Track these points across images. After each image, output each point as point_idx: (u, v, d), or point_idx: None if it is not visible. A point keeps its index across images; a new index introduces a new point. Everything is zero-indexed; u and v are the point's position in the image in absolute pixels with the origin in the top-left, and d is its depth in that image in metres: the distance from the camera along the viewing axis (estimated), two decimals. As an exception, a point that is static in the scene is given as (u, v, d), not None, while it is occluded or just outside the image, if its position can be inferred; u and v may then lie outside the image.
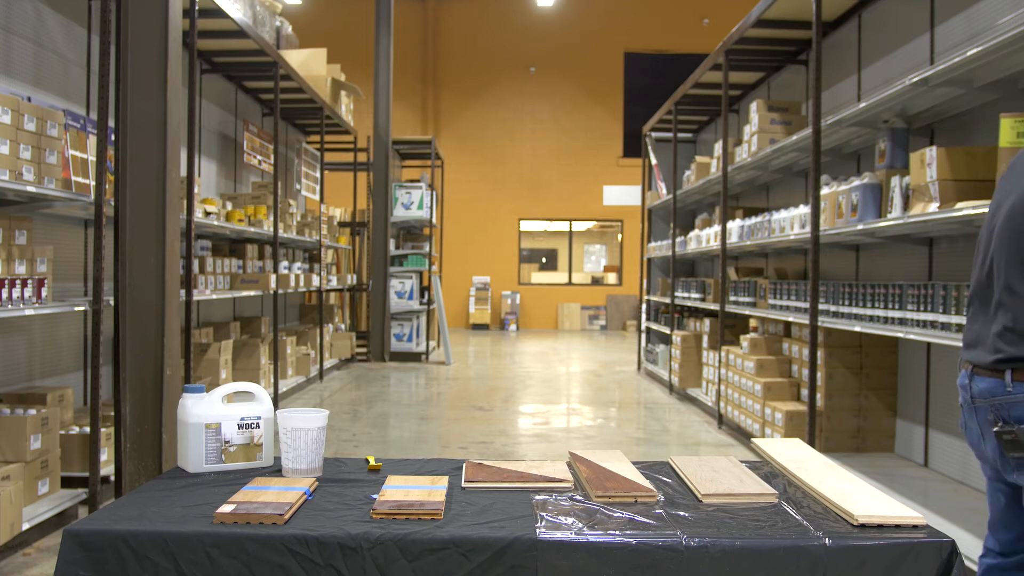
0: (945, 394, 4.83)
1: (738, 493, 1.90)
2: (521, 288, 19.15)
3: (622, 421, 7.54)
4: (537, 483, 1.99)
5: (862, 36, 5.85)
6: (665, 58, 18.62)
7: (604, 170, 18.89)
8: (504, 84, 18.98)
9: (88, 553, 1.65)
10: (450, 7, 18.90)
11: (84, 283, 5.24)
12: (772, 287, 6.35)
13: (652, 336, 10.98)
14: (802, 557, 1.63)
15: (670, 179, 9.95)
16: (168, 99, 4.36)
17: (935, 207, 3.80)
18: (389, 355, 11.75)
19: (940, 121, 4.79)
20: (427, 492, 1.88)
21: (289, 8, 12.48)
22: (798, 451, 2.29)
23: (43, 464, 3.98)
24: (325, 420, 2.12)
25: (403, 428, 7.08)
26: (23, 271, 3.87)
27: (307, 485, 1.95)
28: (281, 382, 8.02)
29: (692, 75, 8.31)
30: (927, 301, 4.05)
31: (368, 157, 12.11)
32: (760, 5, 6.09)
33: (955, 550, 1.67)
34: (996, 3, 4.24)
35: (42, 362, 4.94)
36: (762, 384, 6.00)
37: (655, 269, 11.07)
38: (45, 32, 4.86)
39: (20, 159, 3.79)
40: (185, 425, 2.13)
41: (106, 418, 4.47)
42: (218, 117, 8.29)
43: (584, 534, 1.66)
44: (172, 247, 4.42)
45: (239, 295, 7.17)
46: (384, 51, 11.73)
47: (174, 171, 4.44)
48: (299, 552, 1.63)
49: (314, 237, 9.51)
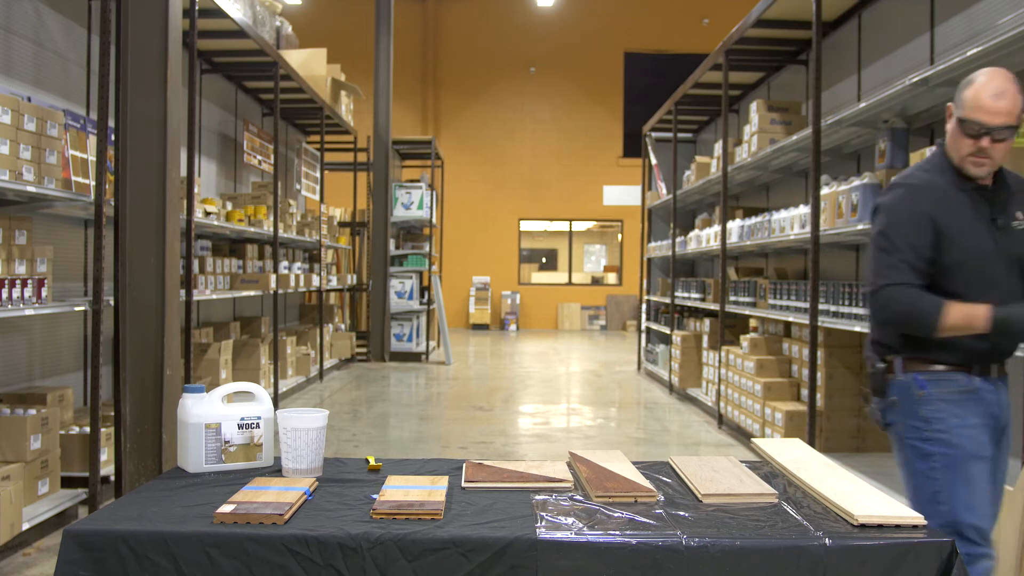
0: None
1: (738, 493, 1.90)
2: (521, 288, 19.15)
3: (622, 421, 7.54)
4: (537, 483, 1.99)
5: (862, 36, 5.85)
6: (665, 58, 18.62)
7: (604, 170, 18.89)
8: (504, 84, 18.98)
9: (88, 553, 1.65)
10: (450, 7, 18.90)
11: (84, 283, 5.24)
12: (772, 287, 6.35)
13: (652, 336, 10.98)
14: (802, 557, 1.63)
15: (670, 179, 9.95)
16: (168, 99, 4.36)
17: (935, 207, 3.80)
18: (389, 355, 11.75)
19: (940, 121, 4.79)
20: (427, 492, 1.88)
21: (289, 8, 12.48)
22: (798, 451, 2.29)
23: (43, 464, 3.98)
24: (325, 420, 2.12)
25: (403, 428, 7.08)
26: (23, 271, 3.86)
27: (307, 485, 1.95)
28: (281, 382, 8.02)
29: (692, 75, 8.31)
30: (927, 301, 4.04)
31: (368, 157, 12.11)
32: (760, 5, 6.09)
33: (955, 550, 1.67)
34: (996, 3, 4.24)
35: (42, 362, 4.94)
36: (762, 384, 6.00)
37: (655, 269, 11.07)
38: (45, 32, 4.86)
39: (20, 159, 3.79)
40: (185, 425, 2.13)
41: (106, 418, 4.47)
42: (218, 117, 8.29)
43: (584, 534, 1.66)
44: (172, 247, 4.42)
45: (239, 295, 7.17)
46: (384, 51, 11.73)
47: (174, 171, 4.44)
48: (299, 552, 1.63)
49: (314, 237, 9.51)
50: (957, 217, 2.27)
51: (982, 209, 2.29)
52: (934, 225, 2.26)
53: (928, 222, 2.26)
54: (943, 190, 2.30)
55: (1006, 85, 2.20)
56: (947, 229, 2.26)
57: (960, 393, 2.29)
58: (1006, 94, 2.19)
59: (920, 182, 2.34)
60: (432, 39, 18.88)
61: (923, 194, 2.31)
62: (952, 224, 2.26)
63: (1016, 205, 2.33)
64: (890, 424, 2.45)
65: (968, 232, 2.26)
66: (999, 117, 2.18)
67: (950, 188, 2.30)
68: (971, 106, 2.22)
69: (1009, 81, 2.22)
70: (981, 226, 2.28)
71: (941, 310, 2.21)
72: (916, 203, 2.29)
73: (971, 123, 2.21)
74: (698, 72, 8.05)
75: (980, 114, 2.20)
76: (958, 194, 2.29)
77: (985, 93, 2.20)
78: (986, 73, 2.24)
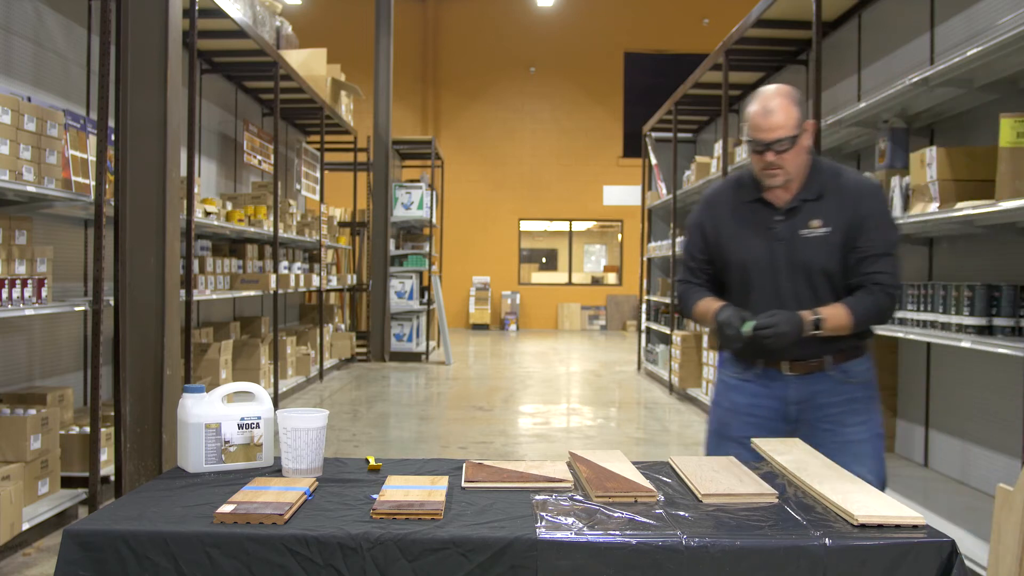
0: (945, 394, 4.83)
1: (738, 493, 1.90)
2: (521, 288, 19.15)
3: (622, 421, 7.54)
4: (537, 483, 1.99)
5: (862, 36, 5.85)
6: (665, 58, 18.61)
7: (604, 170, 18.89)
8: (504, 84, 18.97)
9: (88, 553, 1.65)
10: (450, 7, 18.90)
11: (84, 283, 5.24)
12: (772, 287, 6.34)
13: (652, 336, 10.98)
14: (802, 557, 1.63)
15: (670, 179, 9.95)
16: (168, 99, 4.36)
17: (935, 207, 3.80)
18: (389, 355, 11.75)
19: (940, 121, 4.79)
20: (427, 492, 1.88)
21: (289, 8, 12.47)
22: (798, 451, 2.29)
23: (43, 464, 3.98)
24: (325, 420, 2.12)
25: (403, 428, 7.08)
26: (23, 271, 3.86)
27: (307, 485, 1.94)
28: (281, 382, 8.02)
29: (692, 75, 8.31)
30: (927, 301, 4.05)
31: (368, 157, 12.11)
32: (760, 5, 6.09)
33: (955, 550, 1.67)
34: (996, 3, 4.24)
35: (42, 362, 4.94)
36: (762, 384, 5.99)
37: (655, 269, 11.07)
38: (45, 32, 4.86)
39: (20, 159, 3.79)
40: (185, 425, 2.13)
41: (106, 418, 4.47)
42: (218, 117, 8.29)
43: (584, 534, 1.66)
44: (172, 247, 4.42)
45: (239, 295, 7.17)
46: (384, 51, 11.73)
47: (174, 171, 4.44)
48: (299, 552, 1.63)
49: (314, 237, 9.51)
50: (729, 227, 2.55)
51: (763, 219, 2.50)
52: (705, 233, 2.60)
53: (701, 231, 2.62)
54: (724, 203, 2.59)
55: (774, 102, 2.39)
56: (719, 237, 2.56)
57: (731, 377, 2.63)
58: (775, 111, 2.37)
59: (709, 197, 2.66)
60: (432, 39, 18.88)
61: (704, 207, 2.64)
62: (723, 233, 2.56)
63: (817, 213, 2.45)
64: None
65: (737, 240, 2.53)
66: (772, 132, 2.37)
67: (736, 200, 2.56)
68: (750, 127, 2.43)
69: (780, 96, 2.40)
70: (755, 234, 2.50)
71: (693, 303, 2.63)
72: (698, 215, 2.64)
73: (752, 142, 2.43)
74: (698, 72, 8.05)
75: (756, 133, 2.40)
76: (742, 205, 2.54)
77: (757, 114, 2.40)
78: (759, 94, 2.44)
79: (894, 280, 2.45)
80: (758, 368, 2.54)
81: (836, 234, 2.43)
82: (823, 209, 2.45)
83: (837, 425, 2.49)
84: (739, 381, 2.60)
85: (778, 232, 2.47)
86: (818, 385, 2.50)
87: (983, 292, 3.62)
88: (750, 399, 2.56)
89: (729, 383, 2.63)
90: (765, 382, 2.54)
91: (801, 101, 2.44)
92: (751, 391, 2.57)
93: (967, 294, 3.68)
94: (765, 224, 2.49)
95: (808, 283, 2.46)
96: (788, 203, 2.48)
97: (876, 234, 2.43)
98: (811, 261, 2.45)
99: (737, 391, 2.60)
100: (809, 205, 2.46)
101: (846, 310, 2.41)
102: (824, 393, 2.50)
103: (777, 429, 2.53)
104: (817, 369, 2.49)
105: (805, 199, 2.47)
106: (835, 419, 2.50)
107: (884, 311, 2.46)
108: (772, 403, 2.54)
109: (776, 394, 2.53)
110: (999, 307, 3.58)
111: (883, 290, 2.43)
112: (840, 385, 2.50)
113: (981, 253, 4.46)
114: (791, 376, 2.51)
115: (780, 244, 2.47)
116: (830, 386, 2.50)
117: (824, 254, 2.44)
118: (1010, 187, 3.26)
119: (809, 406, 2.51)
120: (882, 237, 2.44)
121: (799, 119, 2.40)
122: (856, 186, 2.48)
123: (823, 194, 2.46)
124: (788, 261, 2.46)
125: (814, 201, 2.46)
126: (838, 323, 2.40)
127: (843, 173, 2.52)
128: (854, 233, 2.43)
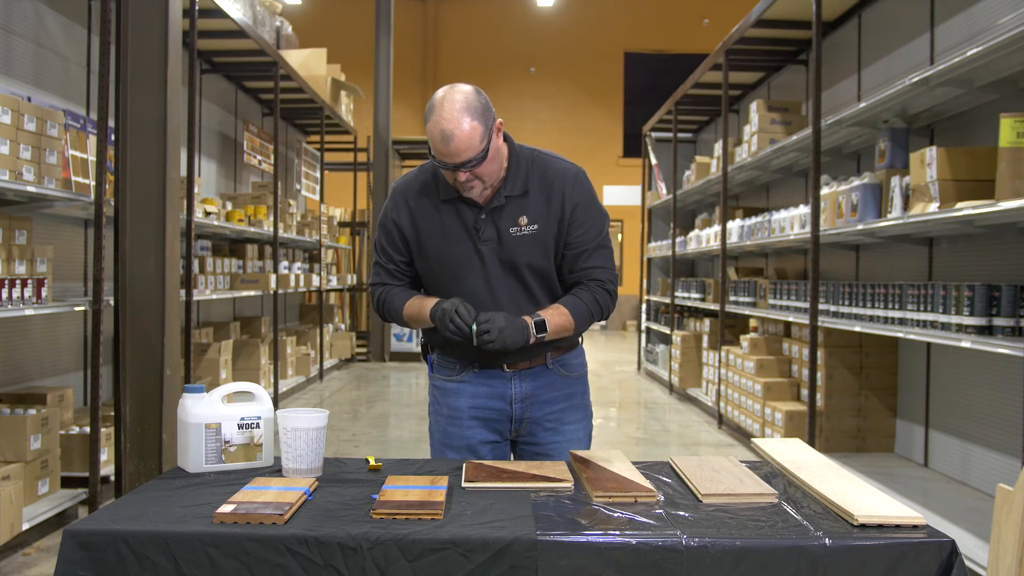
0: (945, 394, 4.83)
1: (738, 493, 1.90)
2: (521, 288, 19.13)
3: (622, 421, 7.54)
4: (537, 483, 1.99)
5: (862, 36, 5.85)
6: (665, 58, 18.62)
7: (604, 170, 18.89)
8: (504, 84, 18.97)
9: (88, 553, 1.65)
10: (450, 7, 18.91)
11: (84, 283, 5.24)
12: (772, 287, 6.35)
13: (652, 336, 10.98)
14: (802, 557, 1.62)
15: (670, 179, 9.95)
16: (168, 99, 4.36)
17: (935, 207, 3.80)
18: (389, 355, 11.75)
19: (940, 121, 4.79)
20: (427, 492, 1.88)
21: (289, 8, 12.47)
22: (798, 451, 2.29)
23: (43, 464, 3.98)
24: (325, 420, 2.12)
25: (403, 428, 7.08)
26: (23, 271, 3.87)
27: (307, 485, 1.94)
28: (281, 382, 8.02)
29: (692, 75, 8.31)
30: (927, 301, 4.05)
31: (368, 157, 12.11)
32: (760, 5, 6.09)
33: (955, 550, 1.67)
34: (996, 3, 4.24)
35: (42, 362, 4.94)
36: (762, 384, 6.00)
37: (655, 269, 11.07)
38: (45, 32, 4.86)
39: (20, 159, 3.79)
40: (185, 425, 2.13)
41: (106, 418, 4.47)
42: (218, 117, 8.29)
43: (584, 534, 1.66)
44: (172, 247, 4.42)
45: (239, 295, 7.17)
46: (384, 51, 11.73)
47: (174, 171, 4.44)
48: (299, 552, 1.63)
49: (314, 237, 9.51)
50: (431, 226, 2.32)
51: (467, 218, 2.29)
52: (404, 235, 2.35)
53: (399, 231, 2.36)
54: (423, 200, 2.33)
55: (450, 124, 2.09)
56: (420, 237, 2.34)
57: (446, 381, 2.45)
58: (453, 135, 2.09)
59: (403, 192, 2.37)
60: (432, 39, 18.88)
61: (400, 204, 2.36)
62: (425, 233, 2.32)
63: (523, 210, 2.29)
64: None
65: (442, 241, 2.31)
66: (457, 157, 2.11)
67: (436, 197, 2.31)
68: (432, 146, 2.15)
69: (456, 114, 2.10)
70: (462, 234, 2.30)
71: (401, 304, 2.36)
72: (393, 213, 2.37)
73: (438, 163, 2.16)
74: (698, 72, 8.05)
75: (440, 156, 2.14)
76: (443, 204, 2.30)
77: (436, 139, 2.12)
78: (434, 110, 2.13)
79: (610, 275, 2.38)
80: (475, 368, 2.40)
81: (545, 230, 2.30)
82: (529, 206, 2.30)
83: (559, 424, 2.43)
84: (456, 384, 2.42)
85: (484, 233, 2.29)
86: (540, 379, 2.41)
87: (983, 292, 3.63)
88: (471, 400, 2.41)
89: (445, 388, 2.45)
90: (484, 380, 2.40)
91: (483, 107, 2.15)
92: (470, 392, 2.41)
93: (967, 294, 3.68)
94: (471, 223, 2.29)
95: (521, 283, 2.33)
96: (491, 202, 2.29)
97: (586, 227, 2.32)
98: (522, 260, 2.31)
99: (455, 395, 2.42)
100: (515, 202, 2.30)
101: (567, 312, 2.30)
102: (546, 388, 2.42)
103: (503, 431, 2.42)
104: (538, 363, 2.41)
105: (510, 195, 2.29)
106: (557, 417, 2.42)
107: (604, 308, 2.39)
108: (496, 403, 2.40)
109: (498, 392, 2.40)
110: (999, 307, 3.59)
111: (601, 286, 2.36)
112: (560, 379, 2.44)
113: (981, 253, 4.46)
114: (511, 372, 2.39)
115: (488, 244, 2.29)
116: (551, 380, 2.42)
117: (535, 252, 2.31)
118: (1010, 187, 3.26)
119: (533, 403, 2.41)
120: (593, 229, 2.34)
121: (484, 132, 2.14)
122: (560, 177, 2.33)
123: (528, 190, 2.31)
124: (498, 260, 2.31)
125: (520, 197, 2.30)
126: (560, 327, 2.29)
127: (547, 164, 2.36)
128: (564, 227, 2.31)
